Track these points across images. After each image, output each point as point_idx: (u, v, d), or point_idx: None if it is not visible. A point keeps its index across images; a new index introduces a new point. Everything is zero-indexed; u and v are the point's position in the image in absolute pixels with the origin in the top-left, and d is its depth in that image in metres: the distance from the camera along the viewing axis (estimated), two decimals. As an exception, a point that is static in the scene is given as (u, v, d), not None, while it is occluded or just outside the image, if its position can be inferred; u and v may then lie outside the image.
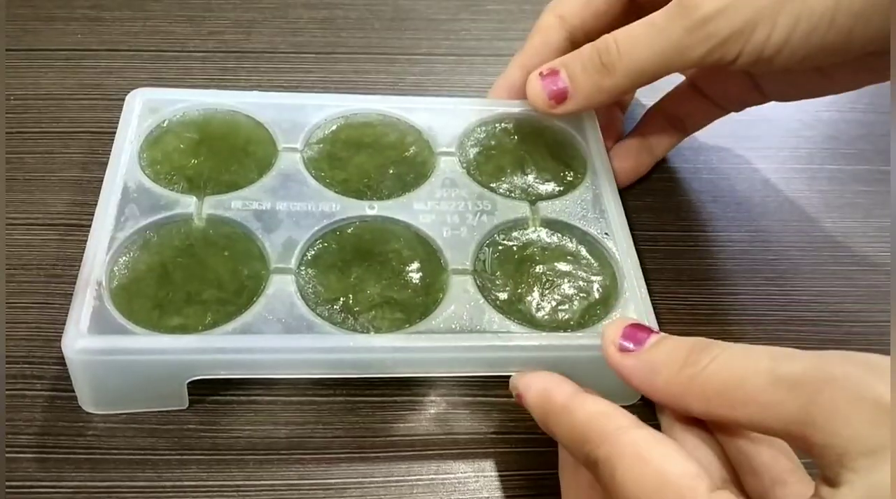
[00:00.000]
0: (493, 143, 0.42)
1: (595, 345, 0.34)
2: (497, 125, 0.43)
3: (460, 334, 0.34)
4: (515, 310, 0.35)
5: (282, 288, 0.34)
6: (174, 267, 0.35)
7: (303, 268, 0.35)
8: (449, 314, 0.34)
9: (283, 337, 0.33)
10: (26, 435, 0.33)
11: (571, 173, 0.41)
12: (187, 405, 0.34)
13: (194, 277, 0.35)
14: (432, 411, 0.35)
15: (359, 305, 0.34)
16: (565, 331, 0.35)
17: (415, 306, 0.35)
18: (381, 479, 0.33)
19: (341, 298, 0.35)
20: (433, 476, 0.34)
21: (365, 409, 0.35)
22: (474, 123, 0.42)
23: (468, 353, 0.34)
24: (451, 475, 0.34)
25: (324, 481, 0.33)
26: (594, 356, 0.34)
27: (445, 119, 0.42)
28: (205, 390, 0.34)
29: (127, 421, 0.34)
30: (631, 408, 0.35)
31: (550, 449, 0.33)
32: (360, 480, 0.33)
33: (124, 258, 0.35)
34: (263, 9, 0.54)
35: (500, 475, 0.34)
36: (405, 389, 0.36)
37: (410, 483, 0.33)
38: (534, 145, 0.42)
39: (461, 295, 0.35)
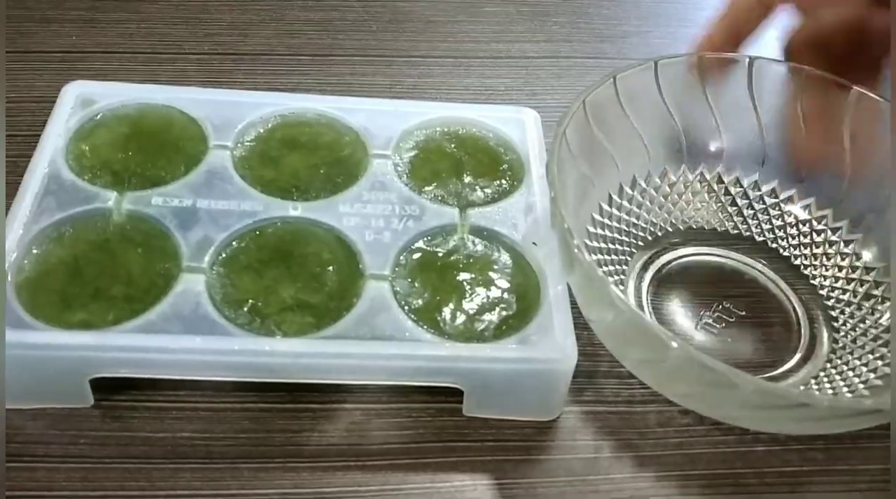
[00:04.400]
0: (431, 146, 0.41)
1: (507, 357, 0.33)
2: (437, 129, 0.41)
3: (366, 341, 0.33)
4: (430, 319, 0.34)
5: (190, 287, 0.34)
6: (86, 262, 0.34)
7: (216, 267, 0.35)
8: (359, 320, 0.33)
9: (181, 337, 0.32)
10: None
11: (508, 180, 0.39)
12: (92, 403, 0.33)
13: (105, 272, 0.34)
14: (426, 419, 0.34)
15: (269, 308, 0.33)
16: (480, 342, 0.33)
17: (327, 311, 0.34)
18: (376, 488, 0.32)
19: (251, 300, 0.34)
20: (429, 485, 0.33)
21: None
22: (413, 126, 0.41)
23: (372, 360, 0.33)
24: (448, 484, 0.33)
25: (318, 491, 0.32)
26: (506, 369, 0.33)
27: (385, 121, 0.41)
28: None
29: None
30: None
31: (547, 457, 0.33)
32: (355, 489, 0.32)
33: (36, 251, 0.34)
34: (260, 10, 0.54)
35: (495, 485, 0.33)
36: (400, 395, 0.35)
37: (406, 492, 0.32)
38: (472, 150, 0.41)
39: (375, 301, 0.34)
